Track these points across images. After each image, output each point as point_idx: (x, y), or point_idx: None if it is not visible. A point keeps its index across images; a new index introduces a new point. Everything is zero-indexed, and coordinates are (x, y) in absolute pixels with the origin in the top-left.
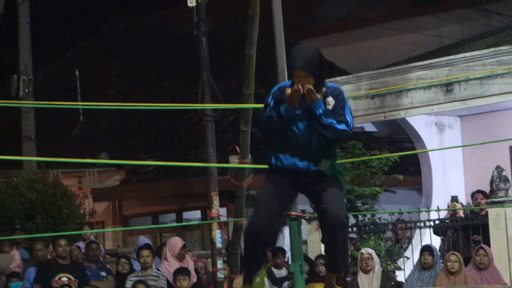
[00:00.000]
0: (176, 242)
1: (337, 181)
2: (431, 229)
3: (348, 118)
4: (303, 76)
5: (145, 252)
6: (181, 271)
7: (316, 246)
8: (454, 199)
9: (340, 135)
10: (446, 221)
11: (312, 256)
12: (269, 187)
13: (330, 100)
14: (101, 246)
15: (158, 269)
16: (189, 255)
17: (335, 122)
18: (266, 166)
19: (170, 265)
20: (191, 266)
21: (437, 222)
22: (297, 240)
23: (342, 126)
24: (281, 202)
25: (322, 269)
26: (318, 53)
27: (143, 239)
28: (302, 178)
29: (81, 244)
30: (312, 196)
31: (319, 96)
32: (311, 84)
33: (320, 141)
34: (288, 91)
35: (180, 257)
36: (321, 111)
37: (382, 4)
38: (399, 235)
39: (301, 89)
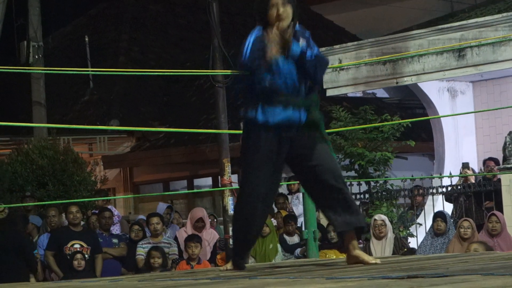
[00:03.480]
0: (195, 213)
1: (322, 136)
2: (443, 196)
3: (317, 50)
4: (281, 3)
5: (155, 219)
6: (192, 238)
7: None
8: (465, 166)
9: (318, 65)
10: (459, 187)
11: (324, 223)
12: (260, 150)
13: (302, 40)
14: (117, 212)
15: (169, 237)
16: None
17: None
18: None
19: (186, 233)
20: (209, 236)
21: (449, 188)
22: (310, 207)
23: (313, 57)
24: (271, 167)
25: (334, 235)
26: None
27: (163, 205)
28: (291, 133)
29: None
30: (298, 159)
31: (301, 42)
32: (290, 15)
33: (306, 86)
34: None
35: (196, 228)
36: (300, 51)
37: None
38: (415, 201)
39: (273, 20)
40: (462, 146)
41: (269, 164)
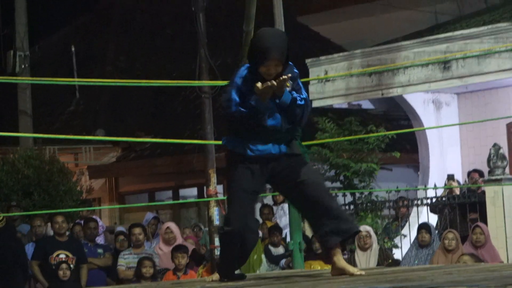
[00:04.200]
0: (164, 225)
1: (305, 159)
2: (428, 207)
3: (305, 94)
4: (274, 65)
5: (137, 230)
6: (179, 248)
7: None
8: (450, 177)
9: (305, 109)
10: (443, 199)
11: (309, 234)
12: (241, 180)
13: (289, 82)
14: (101, 222)
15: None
16: (187, 232)
17: (299, 99)
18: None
19: (160, 248)
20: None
21: (434, 200)
22: (296, 218)
23: (303, 102)
24: (255, 195)
25: (319, 246)
26: (286, 37)
27: (150, 215)
28: (273, 164)
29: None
30: (282, 180)
31: (288, 84)
32: (279, 71)
33: (288, 123)
34: (259, 85)
35: (167, 240)
36: (290, 100)
37: None
38: (399, 213)
39: (275, 84)
40: (446, 157)
41: (253, 196)
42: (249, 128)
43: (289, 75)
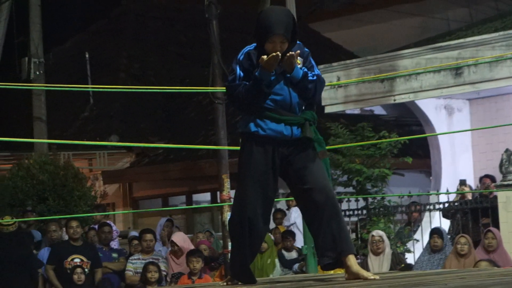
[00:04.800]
0: (171, 238)
1: (315, 154)
2: (441, 212)
3: (318, 71)
4: (280, 41)
5: (148, 236)
6: (194, 253)
7: None
8: (462, 182)
9: (317, 85)
10: (455, 204)
11: None
12: (252, 165)
13: (299, 59)
14: (115, 227)
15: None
16: (200, 236)
17: (310, 75)
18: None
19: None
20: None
21: (446, 205)
22: None
23: (315, 77)
24: (265, 182)
25: None
26: (291, 15)
27: (164, 219)
28: (284, 148)
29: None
30: (292, 176)
31: (298, 61)
32: (285, 48)
33: (301, 104)
34: (264, 57)
35: (173, 252)
36: (301, 75)
37: None
38: (412, 217)
39: (280, 55)
40: (458, 163)
41: (263, 181)
42: (260, 107)
43: (298, 51)
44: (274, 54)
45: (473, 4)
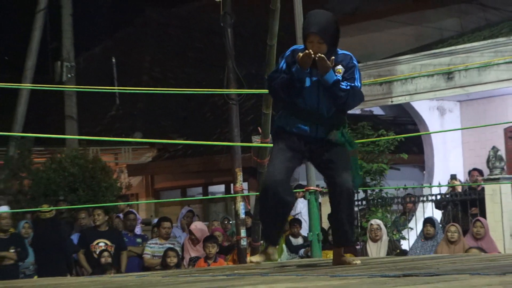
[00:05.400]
0: (192, 226)
1: (345, 149)
2: (433, 203)
3: (357, 83)
4: (317, 42)
5: (166, 224)
6: (210, 239)
7: None
8: (453, 177)
9: (350, 95)
10: (447, 196)
11: (325, 226)
12: (281, 146)
13: (340, 68)
14: (138, 215)
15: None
16: (215, 224)
17: (344, 84)
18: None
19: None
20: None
21: (438, 197)
22: (315, 212)
23: (349, 87)
24: (292, 161)
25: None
26: (333, 20)
27: (186, 208)
28: (310, 145)
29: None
30: (319, 166)
31: (330, 64)
32: (324, 51)
33: (330, 108)
34: (301, 54)
35: (192, 240)
36: (333, 80)
37: None
38: (407, 208)
39: (313, 54)
40: (449, 158)
41: (292, 160)
42: (292, 107)
43: (333, 57)
44: (306, 51)
45: (463, 14)
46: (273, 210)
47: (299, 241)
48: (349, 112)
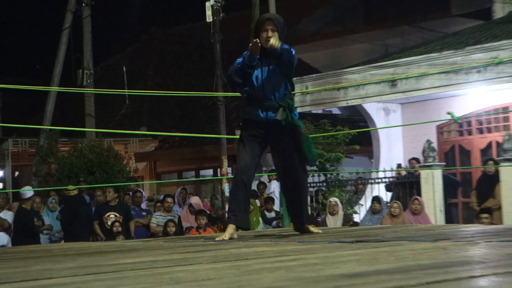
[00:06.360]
0: (189, 202)
1: (297, 132)
2: (385, 187)
3: (293, 60)
4: (270, 29)
5: (169, 199)
6: (201, 212)
7: None
8: (399, 166)
9: (292, 57)
10: (391, 179)
11: None
12: (245, 136)
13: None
14: (144, 193)
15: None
16: (205, 201)
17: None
18: None
19: (186, 213)
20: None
21: (386, 180)
22: None
23: (292, 52)
24: (254, 156)
25: None
26: (282, 20)
27: (180, 188)
28: (265, 128)
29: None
30: (276, 151)
31: (277, 43)
32: (277, 38)
33: (276, 94)
34: (251, 44)
35: (191, 212)
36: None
37: (344, 21)
38: (358, 188)
39: (258, 41)
40: (393, 149)
41: (252, 147)
42: (248, 97)
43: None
44: (254, 40)
45: (405, 34)
46: (245, 198)
47: (272, 214)
48: (313, 111)
